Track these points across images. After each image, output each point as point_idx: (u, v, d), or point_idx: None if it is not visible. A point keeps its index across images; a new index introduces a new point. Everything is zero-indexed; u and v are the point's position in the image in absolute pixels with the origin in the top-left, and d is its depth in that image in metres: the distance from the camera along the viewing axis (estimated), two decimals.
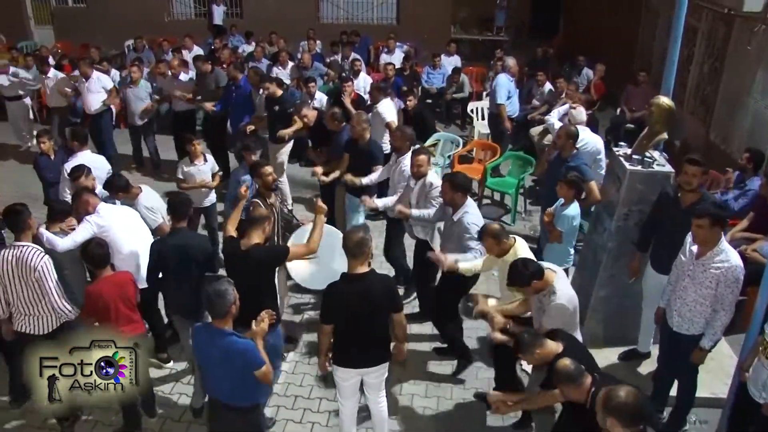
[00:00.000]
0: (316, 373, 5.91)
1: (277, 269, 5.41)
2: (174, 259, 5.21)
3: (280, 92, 9.01)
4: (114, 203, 6.07)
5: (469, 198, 5.72)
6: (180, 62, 11.03)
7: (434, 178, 6.32)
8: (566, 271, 5.95)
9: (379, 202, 6.76)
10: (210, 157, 7.76)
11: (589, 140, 7.56)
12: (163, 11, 17.86)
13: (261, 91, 9.26)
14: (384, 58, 13.63)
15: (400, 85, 11.49)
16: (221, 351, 4.05)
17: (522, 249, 5.16)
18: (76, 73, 11.52)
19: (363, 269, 4.46)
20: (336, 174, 7.33)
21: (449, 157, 9.52)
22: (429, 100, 12.48)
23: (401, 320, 4.67)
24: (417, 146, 6.82)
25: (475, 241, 5.48)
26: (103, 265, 4.88)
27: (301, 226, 6.43)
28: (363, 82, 11.30)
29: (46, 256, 4.85)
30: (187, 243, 5.27)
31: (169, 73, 11.05)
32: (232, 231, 5.25)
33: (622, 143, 6.52)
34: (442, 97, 12.62)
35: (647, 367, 6.00)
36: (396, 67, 12.73)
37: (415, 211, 6.18)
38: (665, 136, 5.95)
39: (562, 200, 5.98)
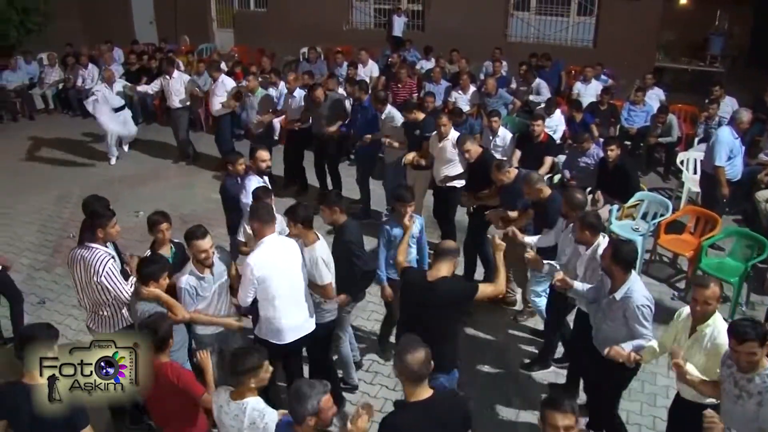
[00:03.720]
0: None
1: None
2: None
3: (422, 116, 8.33)
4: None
5: (633, 273, 4.66)
6: (296, 78, 10.24)
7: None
8: None
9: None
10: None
11: None
12: (342, 19, 17.12)
13: (383, 114, 8.75)
14: (578, 88, 11.98)
15: (589, 124, 9.87)
16: None
17: (721, 320, 4.29)
18: (244, 82, 10.97)
19: (427, 393, 3.63)
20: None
21: (655, 223, 7.81)
22: (627, 143, 10.69)
23: None
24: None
25: (647, 329, 4.55)
26: (160, 348, 4.21)
27: None
28: (556, 121, 9.78)
29: (110, 262, 5.03)
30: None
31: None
32: (404, 261, 5.10)
33: None
34: (644, 139, 10.78)
35: None
36: (590, 101, 11.19)
37: (578, 285, 5.10)
38: None
39: None
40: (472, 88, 11.38)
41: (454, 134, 7.79)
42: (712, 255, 7.54)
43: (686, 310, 4.49)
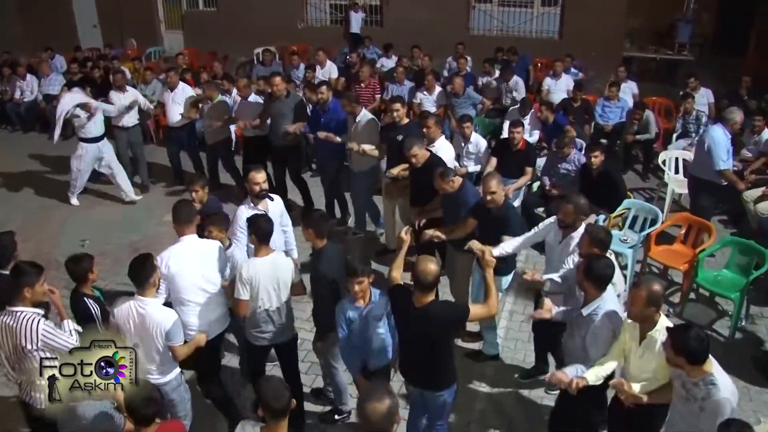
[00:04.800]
0: None
1: None
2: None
3: (406, 120, 7.55)
4: None
5: (610, 291, 4.36)
6: (247, 83, 9.40)
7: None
8: None
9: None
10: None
11: None
12: (296, 17, 16.35)
13: (357, 117, 7.88)
14: (548, 83, 11.45)
15: (562, 125, 9.29)
16: None
17: (667, 322, 4.12)
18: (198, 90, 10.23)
19: None
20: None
21: (645, 235, 7.29)
22: (603, 140, 10.19)
23: None
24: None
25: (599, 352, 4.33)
26: (144, 423, 3.80)
27: None
28: (528, 123, 9.20)
29: (41, 320, 4.28)
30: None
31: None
32: (398, 278, 4.65)
33: None
34: (620, 136, 10.29)
35: None
36: (561, 97, 10.69)
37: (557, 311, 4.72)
38: None
39: None
40: (438, 88, 10.75)
41: (443, 141, 7.28)
42: (707, 266, 7.04)
43: (627, 320, 4.29)
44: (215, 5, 17.21)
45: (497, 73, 11.55)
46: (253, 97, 9.26)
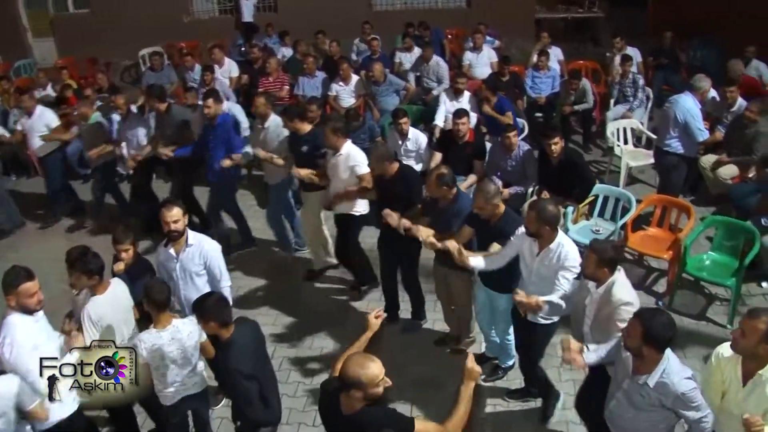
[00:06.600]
0: None
1: None
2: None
3: (307, 128, 6.70)
4: None
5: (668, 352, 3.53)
6: (126, 100, 8.38)
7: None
8: None
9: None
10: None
11: None
12: (181, 11, 14.87)
13: (266, 123, 7.03)
14: (469, 58, 10.64)
15: (503, 106, 8.46)
16: None
17: None
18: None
19: None
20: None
21: (622, 224, 6.61)
22: (538, 114, 9.55)
23: None
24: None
25: (701, 407, 3.52)
26: None
27: None
28: (465, 106, 8.31)
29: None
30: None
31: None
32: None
33: None
34: (554, 108, 9.64)
35: None
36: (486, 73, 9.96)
37: (591, 356, 3.87)
38: None
39: None
40: (355, 77, 9.77)
41: (349, 147, 6.28)
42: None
43: (724, 351, 3.65)
44: (87, 5, 15.39)
45: (417, 50, 10.61)
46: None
